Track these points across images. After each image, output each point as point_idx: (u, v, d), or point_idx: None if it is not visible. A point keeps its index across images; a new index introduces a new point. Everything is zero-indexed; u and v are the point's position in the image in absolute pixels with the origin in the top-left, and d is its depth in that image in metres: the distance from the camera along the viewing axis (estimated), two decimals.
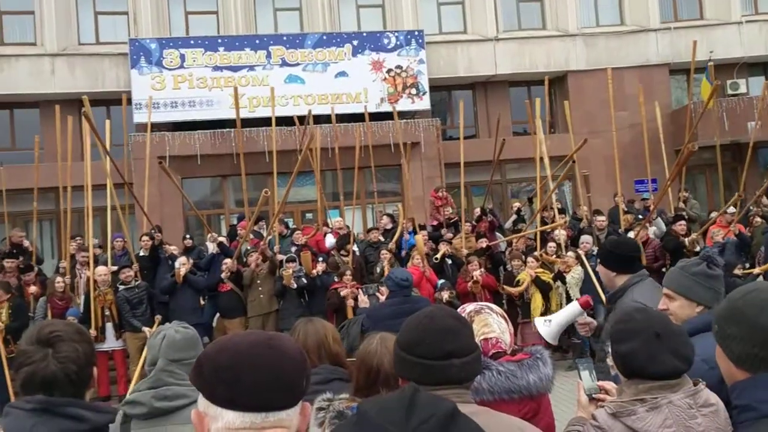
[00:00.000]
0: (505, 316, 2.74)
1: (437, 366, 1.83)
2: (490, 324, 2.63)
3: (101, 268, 9.70)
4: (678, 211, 12.09)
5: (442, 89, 18.19)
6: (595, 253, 10.69)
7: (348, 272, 9.41)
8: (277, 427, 1.28)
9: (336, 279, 9.58)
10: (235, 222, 11.99)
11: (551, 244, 10.83)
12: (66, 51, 16.29)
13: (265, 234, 11.13)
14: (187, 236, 12.03)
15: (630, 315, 2.23)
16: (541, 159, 11.89)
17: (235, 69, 16.34)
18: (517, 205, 13.51)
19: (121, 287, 9.59)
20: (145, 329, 9.21)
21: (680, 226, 10.64)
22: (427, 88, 17.09)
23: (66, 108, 15.77)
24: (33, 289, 9.86)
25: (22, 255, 10.75)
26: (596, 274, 10.12)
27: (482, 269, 9.93)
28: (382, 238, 11.34)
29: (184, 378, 2.41)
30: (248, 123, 14.89)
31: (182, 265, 9.85)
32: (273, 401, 1.28)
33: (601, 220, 11.52)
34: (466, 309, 2.70)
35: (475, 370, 1.93)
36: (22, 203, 13.76)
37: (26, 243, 11.57)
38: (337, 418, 2.23)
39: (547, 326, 4.36)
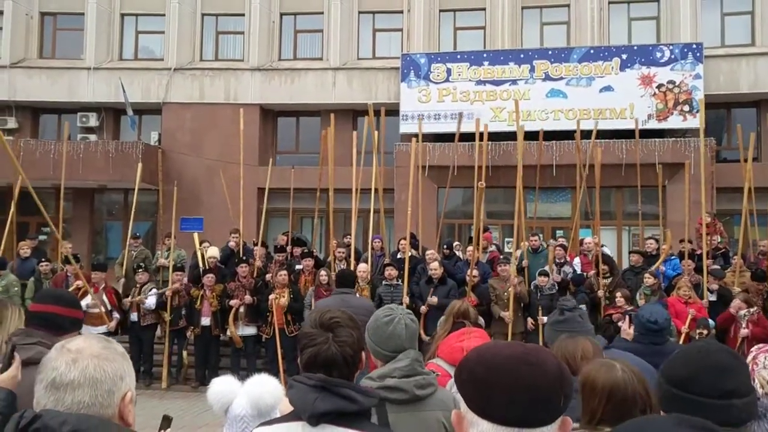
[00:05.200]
0: None
1: (717, 406, 1.73)
2: None
3: (362, 266, 10.48)
4: None
5: (719, 106, 16.63)
6: None
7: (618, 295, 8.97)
8: None
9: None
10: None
11: None
12: (346, 65, 17.93)
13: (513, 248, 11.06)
14: (444, 246, 12.38)
15: None
16: None
17: (497, 83, 16.60)
18: None
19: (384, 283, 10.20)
20: None
21: None
22: (702, 105, 15.75)
23: (342, 117, 17.39)
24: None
25: (303, 245, 12.05)
26: None
27: (754, 308, 8.82)
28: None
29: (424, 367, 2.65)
30: (507, 137, 15.02)
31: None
32: (526, 417, 1.26)
33: None
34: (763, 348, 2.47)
35: (754, 412, 1.80)
36: (301, 201, 15.31)
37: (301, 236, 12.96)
38: None
39: None
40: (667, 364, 1.87)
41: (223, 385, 2.77)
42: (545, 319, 9.38)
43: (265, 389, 2.67)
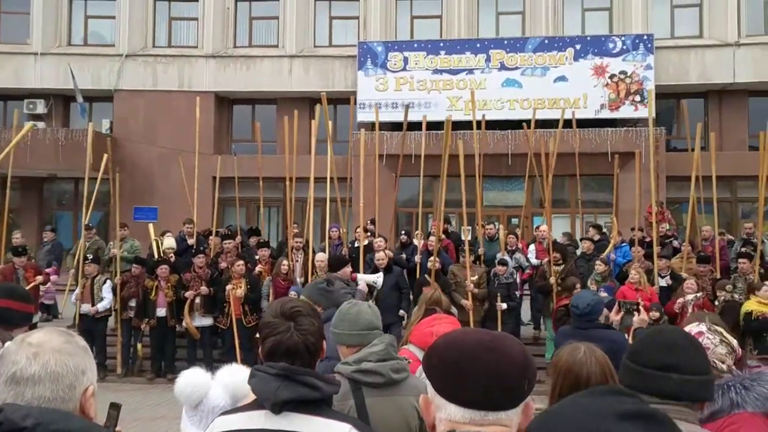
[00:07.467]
0: (732, 344, 2.54)
1: (653, 376, 1.86)
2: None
3: (320, 255, 10.43)
4: None
5: (669, 97, 17.04)
6: None
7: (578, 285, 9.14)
8: (496, 425, 1.31)
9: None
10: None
11: None
12: (303, 53, 17.77)
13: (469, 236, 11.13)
14: (402, 232, 12.45)
15: None
16: None
17: (454, 72, 16.68)
18: (748, 226, 12.21)
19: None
20: None
21: None
22: (651, 96, 16.15)
23: (298, 105, 17.22)
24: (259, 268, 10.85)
25: (258, 235, 11.96)
26: None
27: (701, 293, 9.09)
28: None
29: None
30: (464, 126, 15.10)
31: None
32: (492, 401, 1.30)
33: None
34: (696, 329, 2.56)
35: (700, 391, 1.87)
36: (256, 190, 15.19)
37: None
38: None
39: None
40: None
41: (195, 377, 2.73)
42: (504, 305, 9.57)
43: (240, 378, 2.66)
